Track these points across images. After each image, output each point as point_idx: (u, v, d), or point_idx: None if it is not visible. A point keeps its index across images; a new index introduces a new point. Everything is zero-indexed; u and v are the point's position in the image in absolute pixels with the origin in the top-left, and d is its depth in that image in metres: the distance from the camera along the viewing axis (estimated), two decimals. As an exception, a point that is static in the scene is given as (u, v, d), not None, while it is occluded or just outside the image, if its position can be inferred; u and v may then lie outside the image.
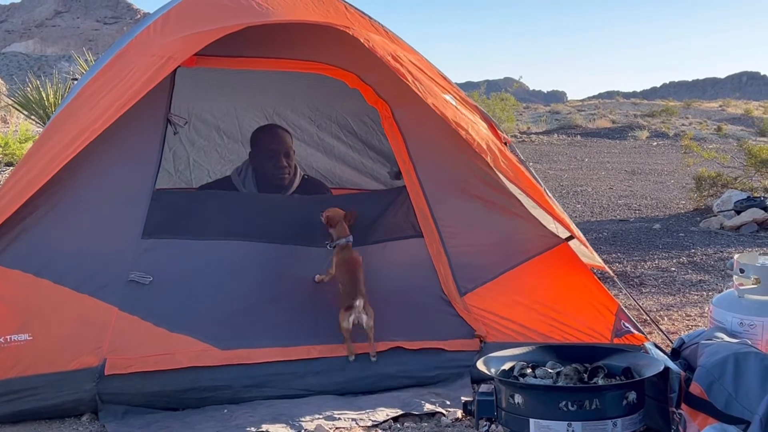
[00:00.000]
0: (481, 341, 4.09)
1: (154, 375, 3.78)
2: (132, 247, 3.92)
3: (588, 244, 4.41)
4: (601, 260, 4.54)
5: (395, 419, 3.65)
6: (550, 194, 4.30)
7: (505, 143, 4.34)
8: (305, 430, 3.51)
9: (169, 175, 5.24)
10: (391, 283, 4.20)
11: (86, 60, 15.22)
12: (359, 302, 3.89)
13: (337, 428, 3.52)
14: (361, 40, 3.96)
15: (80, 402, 3.72)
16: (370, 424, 3.58)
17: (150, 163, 4.02)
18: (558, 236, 4.31)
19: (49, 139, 3.78)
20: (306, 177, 4.95)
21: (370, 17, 4.25)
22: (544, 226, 4.31)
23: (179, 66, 3.89)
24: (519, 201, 4.29)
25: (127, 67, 3.80)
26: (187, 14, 4.00)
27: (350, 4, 4.25)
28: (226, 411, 3.74)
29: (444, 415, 3.66)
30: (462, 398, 3.68)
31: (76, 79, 13.05)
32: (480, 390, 3.20)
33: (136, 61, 3.81)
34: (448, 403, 3.78)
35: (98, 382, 3.71)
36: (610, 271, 4.56)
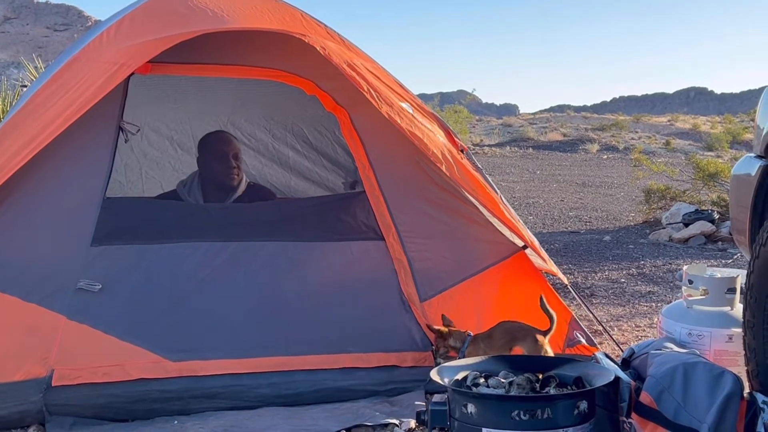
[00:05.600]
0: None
1: (103, 386, 3.73)
2: (81, 254, 3.87)
3: (542, 252, 4.44)
4: (556, 267, 4.58)
5: (348, 430, 3.64)
6: (506, 202, 4.33)
7: (462, 151, 4.36)
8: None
9: (120, 185, 5.17)
10: (352, 284, 4.21)
11: (36, 67, 14.96)
12: None
13: (289, 439, 3.50)
14: (317, 48, 3.95)
15: (26, 413, 3.65)
16: (322, 435, 3.57)
17: (101, 171, 3.97)
18: (515, 243, 4.35)
19: (-3, 148, 3.70)
20: (251, 184, 4.93)
21: (326, 26, 4.25)
22: (502, 234, 4.35)
23: (133, 73, 3.86)
24: (477, 208, 4.32)
25: (79, 74, 3.74)
26: (142, 21, 3.95)
27: (306, 13, 4.24)
28: (176, 422, 3.70)
29: (397, 425, 3.66)
30: (416, 403, 3.70)
31: (25, 86, 12.83)
32: (433, 400, 3.20)
33: (89, 68, 3.75)
34: (401, 412, 3.78)
35: (45, 393, 3.65)
36: (564, 279, 4.60)
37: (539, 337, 3.82)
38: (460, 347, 3.93)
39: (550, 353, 3.83)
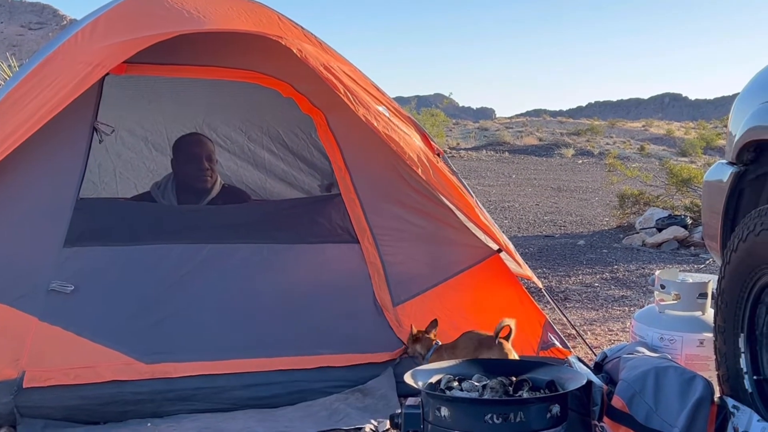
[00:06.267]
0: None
1: (75, 387, 3.70)
2: (53, 255, 3.84)
3: (517, 256, 4.47)
4: (530, 271, 4.61)
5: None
6: (481, 206, 4.35)
7: (438, 154, 4.38)
8: (231, 444, 3.48)
9: (94, 185, 5.14)
10: (326, 287, 4.21)
11: (9, 65, 14.83)
12: None
13: (263, 442, 3.50)
14: (294, 50, 3.95)
15: (-3, 415, 3.61)
16: (296, 437, 3.57)
17: (74, 172, 3.94)
18: (490, 247, 4.37)
19: (-30, 147, 3.67)
20: (226, 185, 4.92)
21: (302, 28, 4.24)
22: (477, 237, 4.37)
23: (108, 73, 3.83)
24: (452, 212, 4.34)
25: (54, 73, 3.72)
26: (117, 21, 3.93)
27: (283, 15, 4.25)
28: (149, 425, 3.68)
29: (373, 429, 3.65)
30: (388, 394, 3.80)
31: (-1, 84, 12.69)
32: (407, 403, 3.21)
33: (63, 68, 3.73)
34: (374, 405, 3.81)
35: (16, 394, 3.62)
36: (539, 283, 4.63)
37: (505, 343, 3.82)
38: (425, 354, 3.94)
39: (515, 357, 3.84)
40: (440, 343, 3.96)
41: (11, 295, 3.70)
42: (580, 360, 3.56)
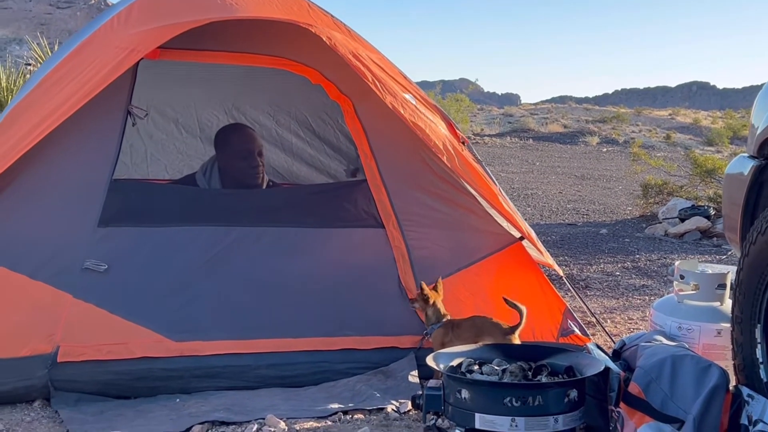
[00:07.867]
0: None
1: (107, 363, 3.81)
2: (88, 235, 3.94)
3: (539, 244, 4.53)
4: (552, 259, 4.66)
5: (345, 413, 3.72)
6: (504, 194, 4.41)
7: (463, 142, 4.44)
8: (257, 420, 3.57)
9: (125, 166, 5.24)
10: (352, 271, 4.28)
11: (39, 44, 14.96)
12: None
13: (288, 418, 3.59)
14: (324, 38, 4.03)
15: (32, 388, 3.73)
16: (320, 415, 3.66)
17: (109, 153, 4.04)
18: (512, 235, 4.43)
19: (9, 128, 3.77)
20: (271, 182, 4.98)
21: (332, 16, 4.31)
22: (500, 225, 4.43)
23: (142, 58, 3.92)
24: (476, 199, 4.40)
25: (90, 58, 3.82)
26: (151, 7, 4.02)
27: (313, 3, 4.32)
28: (178, 400, 3.79)
29: (395, 409, 3.74)
30: (409, 377, 3.89)
31: (29, 65, 12.84)
32: (428, 385, 3.30)
33: (99, 53, 3.83)
34: (396, 387, 3.90)
35: (51, 368, 3.73)
36: (560, 271, 4.68)
37: (512, 336, 3.86)
38: (433, 322, 4.03)
39: None
40: (450, 318, 4.04)
41: (47, 272, 3.81)
42: (598, 347, 3.62)
